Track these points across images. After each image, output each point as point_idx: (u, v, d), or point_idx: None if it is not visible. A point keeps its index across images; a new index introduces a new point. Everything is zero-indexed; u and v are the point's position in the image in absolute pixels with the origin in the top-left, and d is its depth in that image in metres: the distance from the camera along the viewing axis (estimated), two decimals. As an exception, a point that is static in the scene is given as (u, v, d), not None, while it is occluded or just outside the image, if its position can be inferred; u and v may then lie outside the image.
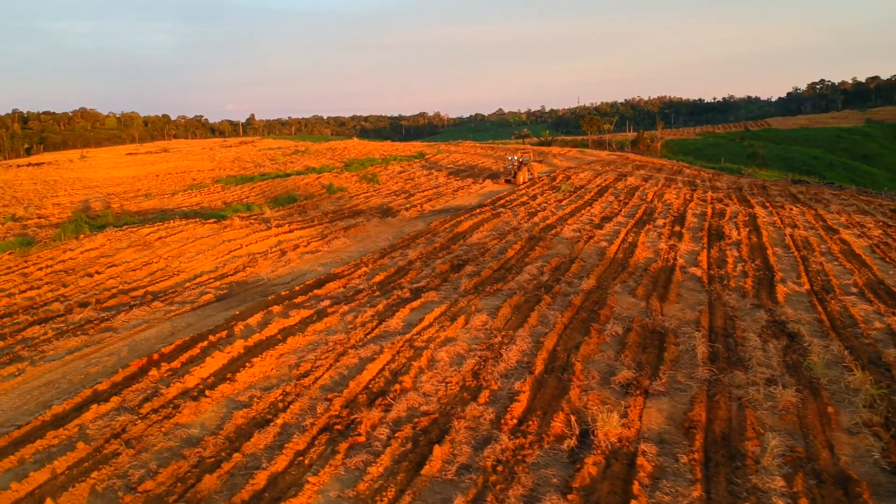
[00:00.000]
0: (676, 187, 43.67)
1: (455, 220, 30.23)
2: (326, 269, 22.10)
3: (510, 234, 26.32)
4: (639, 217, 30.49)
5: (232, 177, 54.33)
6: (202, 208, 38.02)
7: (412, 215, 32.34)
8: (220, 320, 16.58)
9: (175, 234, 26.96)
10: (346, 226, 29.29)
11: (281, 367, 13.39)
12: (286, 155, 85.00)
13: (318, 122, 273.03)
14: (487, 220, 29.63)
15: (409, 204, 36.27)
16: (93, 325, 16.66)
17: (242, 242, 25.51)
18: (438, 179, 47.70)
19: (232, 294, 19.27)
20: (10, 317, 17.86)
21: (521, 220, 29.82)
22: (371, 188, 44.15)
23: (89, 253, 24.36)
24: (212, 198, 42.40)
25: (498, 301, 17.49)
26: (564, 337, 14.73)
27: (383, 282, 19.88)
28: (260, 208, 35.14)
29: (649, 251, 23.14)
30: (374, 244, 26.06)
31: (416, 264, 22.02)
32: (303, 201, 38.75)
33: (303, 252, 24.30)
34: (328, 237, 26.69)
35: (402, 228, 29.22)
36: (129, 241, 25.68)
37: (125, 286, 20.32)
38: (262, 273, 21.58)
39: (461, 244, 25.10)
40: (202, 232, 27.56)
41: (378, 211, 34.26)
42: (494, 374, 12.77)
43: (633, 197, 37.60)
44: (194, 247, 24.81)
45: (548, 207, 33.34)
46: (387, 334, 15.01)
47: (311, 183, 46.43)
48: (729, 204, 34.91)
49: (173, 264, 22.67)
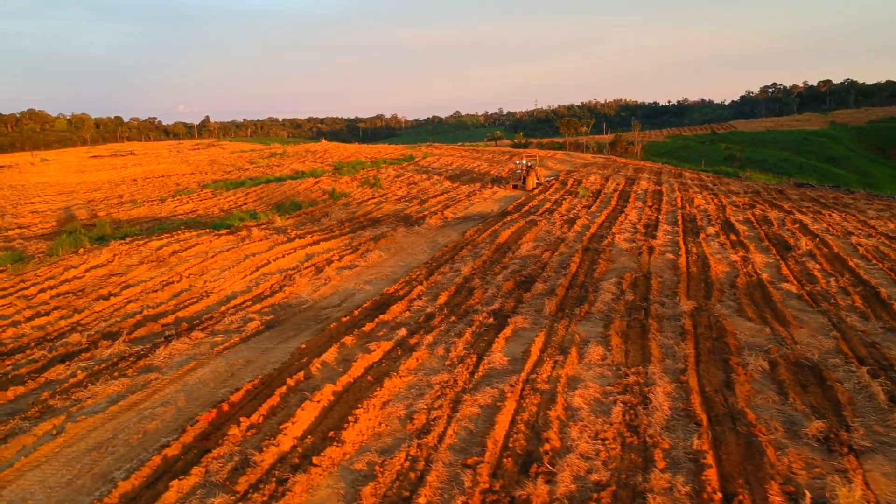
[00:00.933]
0: (695, 191, 41.98)
1: (490, 228, 27.94)
2: (375, 287, 19.63)
3: (561, 246, 24.12)
4: (684, 224, 28.55)
5: (219, 181, 51.23)
6: (200, 216, 35.12)
7: (437, 224, 29.95)
8: (284, 355, 14.04)
9: (189, 247, 24.19)
10: (373, 236, 26.80)
11: (390, 420, 10.95)
12: (264, 158, 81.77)
13: (274, 124, 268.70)
14: (525, 230, 27.40)
15: (427, 211, 33.87)
16: (128, 362, 14.00)
17: (268, 257, 22.88)
18: (444, 184, 45.32)
19: (281, 320, 16.71)
20: (22, 352, 15.07)
21: (562, 228, 27.66)
22: (376, 193, 41.61)
23: (96, 271, 21.48)
24: (206, 204, 39.44)
25: (598, 327, 15.26)
26: (705, 373, 12.55)
27: (451, 303, 17.50)
28: (267, 216, 32.42)
29: (723, 264, 21.12)
30: (412, 257, 23.63)
31: (474, 281, 19.67)
32: (308, 208, 36.09)
33: (339, 267, 21.78)
34: (360, 250, 24.18)
35: (434, 239, 26.82)
36: (139, 257, 22.85)
37: (150, 311, 17.60)
38: (303, 293, 19.03)
39: (511, 257, 22.81)
40: (220, 245, 24.83)
41: (397, 219, 31.80)
42: (655, 427, 10.53)
43: (660, 202, 35.72)
44: (216, 263, 22.11)
45: (581, 214, 31.23)
46: (496, 373, 12.66)
47: (310, 188, 43.70)
48: (767, 210, 33.20)
49: (198, 284, 19.97)
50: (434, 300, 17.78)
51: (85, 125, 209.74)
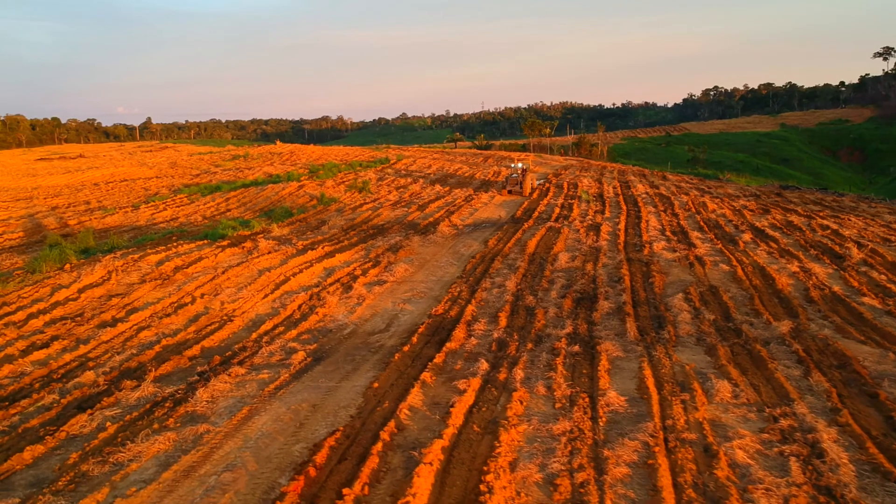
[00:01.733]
0: (696, 194, 40.77)
1: (512, 237, 26.00)
2: (418, 307, 17.50)
3: (601, 256, 22.31)
4: (713, 230, 27.07)
5: (192, 186, 48.17)
6: (184, 225, 32.39)
7: (450, 231, 27.92)
8: (354, 397, 11.85)
9: (193, 262, 21.65)
10: (389, 246, 24.61)
11: (529, 488, 8.90)
12: (227, 160, 78.36)
13: (217, 126, 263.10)
14: (552, 238, 25.56)
15: (432, 217, 31.79)
16: (165, 409, 11.64)
17: (284, 272, 20.52)
18: (434, 189, 43.22)
19: (328, 350, 14.48)
20: (28, 397, 12.53)
21: (589, 237, 25.89)
22: (367, 198, 39.31)
23: (92, 291, 18.81)
24: (185, 211, 36.61)
25: (701, 355, 13.47)
26: (860, 413, 10.82)
27: (515, 327, 15.50)
28: (260, 224, 29.90)
29: (784, 276, 19.52)
30: (442, 270, 21.54)
31: (527, 299, 17.71)
32: (300, 214, 33.64)
33: (367, 283, 19.58)
34: (382, 262, 21.99)
35: (456, 249, 24.77)
36: (139, 274, 20.23)
37: (168, 340, 15.16)
38: (338, 315, 16.80)
39: (552, 269, 20.92)
40: (227, 259, 22.34)
41: (404, 226, 29.66)
42: (850, 488, 8.72)
43: (671, 206, 34.30)
44: (229, 280, 19.67)
45: (599, 220, 29.51)
46: (621, 418, 10.73)
47: (295, 193, 41.12)
48: (785, 214, 32.00)
49: (215, 305, 17.54)
50: (494, 323, 15.75)
51: (20, 126, 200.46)
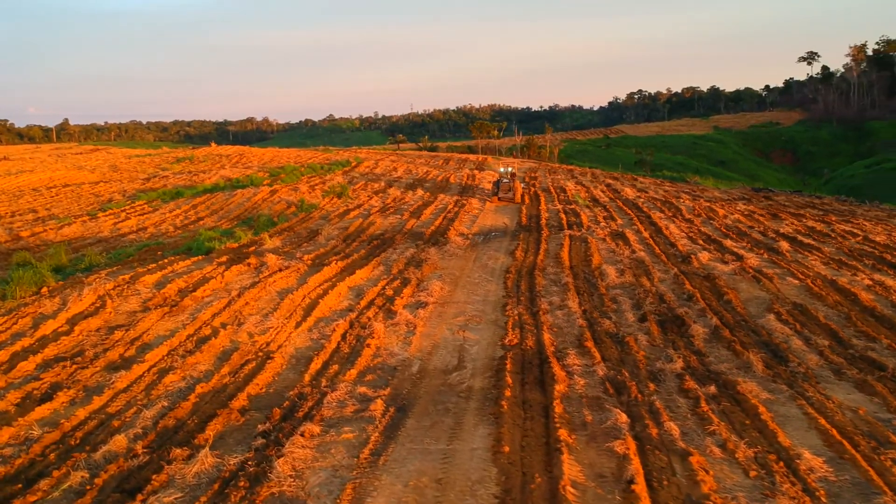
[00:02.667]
0: (691, 198, 39.48)
1: (539, 248, 23.81)
2: (483, 335, 15.07)
3: (651, 269, 20.31)
4: (743, 239, 25.50)
5: (149, 192, 44.18)
6: (155, 236, 29.02)
7: (462, 242, 25.54)
8: (482, 465, 9.36)
9: (199, 283, 18.58)
10: (407, 260, 22.08)
11: None
12: (172, 163, 73.74)
13: (138, 127, 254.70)
14: (583, 249, 23.55)
15: (433, 226, 29.33)
16: (243, 493, 8.92)
17: (307, 294, 17.74)
18: (417, 194, 40.69)
19: (406, 396, 11.93)
20: (46, 475, 9.55)
21: (620, 246, 23.96)
22: (349, 204, 36.51)
23: (87, 322, 15.62)
24: (152, 220, 33.06)
25: (860, 394, 11.54)
26: None
27: (613, 360, 13.27)
28: (246, 235, 26.87)
29: (862, 291, 17.84)
30: (481, 288, 19.15)
31: (603, 323, 15.52)
32: (284, 223, 30.70)
33: (407, 305, 17.02)
34: (411, 280, 19.43)
35: (482, 262, 22.40)
36: (139, 299, 17.09)
37: (202, 387, 12.30)
38: (394, 348, 14.23)
39: (606, 285, 18.83)
40: (235, 279, 19.34)
41: (408, 236, 27.12)
42: None
43: (681, 212, 32.75)
44: (248, 305, 16.78)
45: (619, 228, 27.60)
46: (839, 489, 8.57)
47: (269, 198, 37.95)
48: (799, 219, 30.81)
49: (242, 338, 14.71)
50: (587, 356, 13.46)
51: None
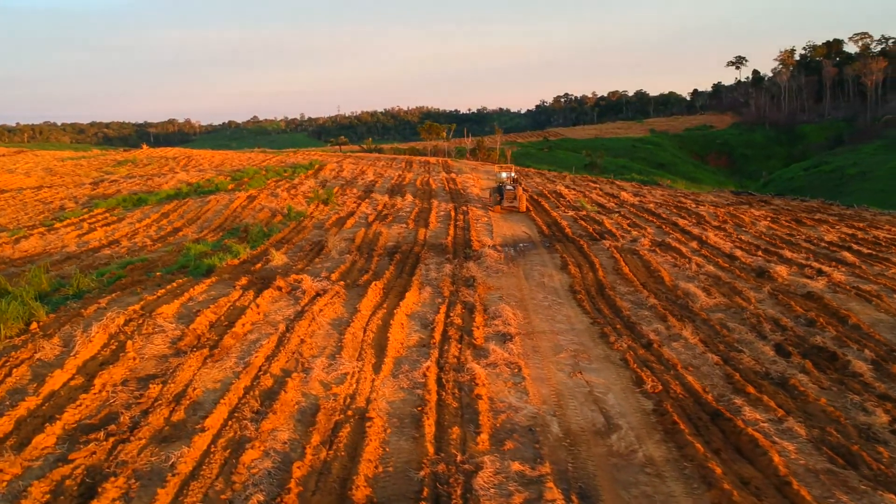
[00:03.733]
0: (696, 204, 37.78)
1: (592, 263, 21.25)
2: (609, 378, 12.39)
3: (742, 288, 17.97)
4: (796, 249, 23.60)
5: (105, 198, 39.69)
6: (132, 250, 25.23)
7: (496, 255, 22.68)
8: None
9: (227, 313, 15.20)
10: (452, 279, 19.20)
11: None
12: (114, 166, 68.47)
13: (53, 129, 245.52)
14: (641, 264, 21.09)
15: (450, 236, 26.51)
16: None
17: (365, 325, 14.63)
18: (408, 200, 37.61)
19: (581, 477, 9.14)
20: None
21: (679, 259, 21.63)
22: (341, 212, 33.30)
23: (108, 372, 12.05)
24: (122, 231, 29.06)
25: None
26: None
27: (800, 411, 10.78)
28: (244, 250, 23.48)
29: None
30: (557, 312, 16.46)
31: (742, 360, 13.05)
32: (277, 234, 27.30)
33: (490, 338, 14.19)
34: (474, 305, 16.56)
35: (535, 279, 19.72)
36: (165, 339, 13.59)
37: (300, 468, 9.15)
38: (510, 399, 11.42)
39: (702, 308, 16.38)
40: (272, 308, 15.95)
41: (431, 248, 24.23)
42: None
43: (703, 218, 30.85)
44: (304, 344, 13.54)
45: (663, 239, 25.29)
46: None
47: (249, 206, 34.33)
48: (832, 224, 29.24)
49: (315, 390, 11.51)
50: (764, 409, 10.92)
51: None
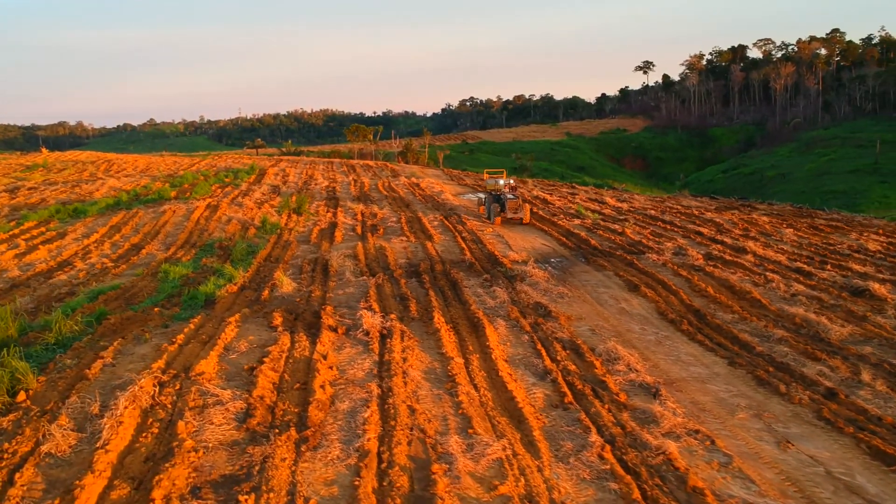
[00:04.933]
0: (685, 208, 35.85)
1: (659, 280, 18.50)
2: (847, 460, 9.58)
3: (857, 310, 15.61)
4: (854, 259, 21.66)
5: (36, 209, 34.09)
6: (93, 273, 20.79)
7: (540, 274, 19.65)
8: None
9: (293, 371, 11.40)
10: (520, 308, 16.01)
11: None
12: (23, 171, 61.17)
13: None
14: (727, 285, 18.47)
15: (468, 253, 23.28)
16: None
17: (473, 381, 11.34)
18: (385, 210, 34.02)
19: None
20: None
21: (754, 277, 19.17)
22: (320, 223, 29.48)
23: (169, 474, 8.24)
24: (70, 250, 24.12)
25: None
26: None
27: None
28: (238, 273, 19.60)
29: None
30: (681, 353, 13.55)
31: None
32: (263, 251, 23.38)
33: (639, 394, 11.17)
34: (578, 346, 13.47)
35: (613, 304, 16.78)
36: (225, 415, 9.70)
37: None
38: (738, 491, 8.44)
39: (840, 340, 13.88)
40: (345, 359, 12.23)
41: (456, 266, 20.96)
42: None
43: (721, 226, 28.74)
44: (419, 416, 10.09)
45: (718, 253, 22.84)
46: None
47: (213, 216, 29.92)
48: (855, 233, 27.69)
49: (472, 491, 8.25)
50: None
51: None
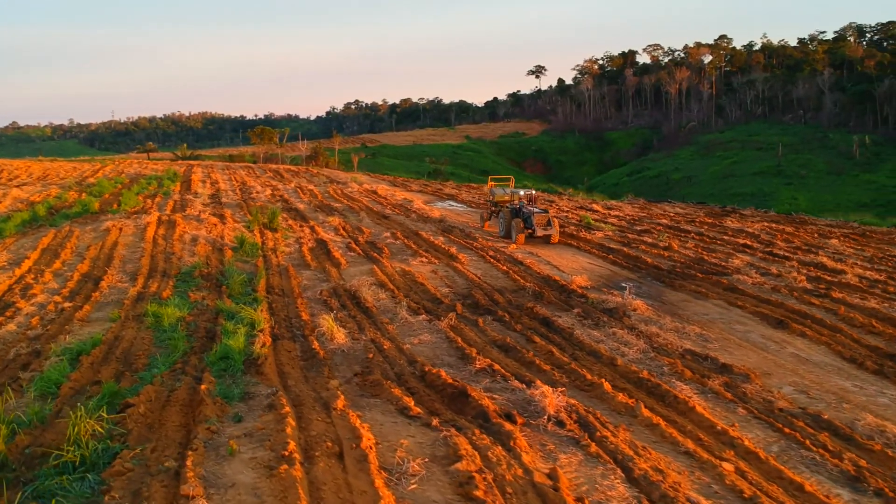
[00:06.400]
0: (685, 216, 33.25)
1: (793, 314, 15.20)
2: None
3: None
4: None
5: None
6: (49, 321, 15.38)
7: (641, 305, 16.00)
8: None
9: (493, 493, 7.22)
10: (694, 359, 12.29)
11: None
12: None
13: None
14: (888, 319, 15.36)
15: (513, 275, 19.32)
16: None
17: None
18: (364, 221, 29.48)
19: None
20: None
21: (859, 297, 16.27)
22: (304, 240, 24.63)
23: None
24: (4, 282, 18.53)
25: None
26: None
27: None
28: (260, 316, 14.84)
29: None
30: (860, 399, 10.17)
31: None
32: (260, 280, 18.53)
33: None
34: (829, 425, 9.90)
35: (790, 352, 13.26)
36: None
37: None
38: None
39: None
40: (564, 475, 8.11)
41: (524, 296, 16.97)
42: None
43: (759, 238, 26.03)
44: None
45: (816, 274, 19.85)
46: None
47: (168, 234, 24.39)
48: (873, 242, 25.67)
49: None
50: None
51: None
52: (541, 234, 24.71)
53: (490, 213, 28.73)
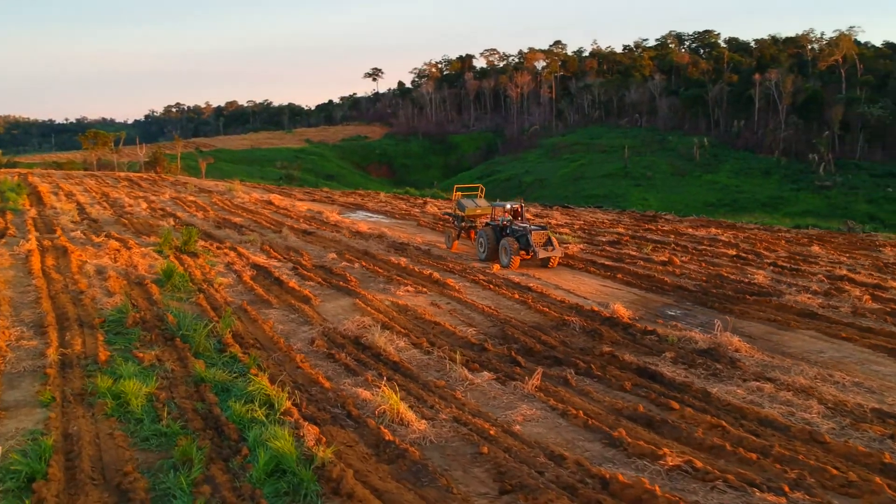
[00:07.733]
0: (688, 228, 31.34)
1: (877, 341, 13.00)
2: None
3: None
4: None
5: None
6: None
7: (743, 346, 13.18)
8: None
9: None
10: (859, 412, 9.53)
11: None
12: None
13: None
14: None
15: (524, 306, 15.95)
16: None
17: None
18: (303, 245, 24.73)
19: None
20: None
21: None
22: (241, 271, 19.72)
23: None
24: None
25: None
26: None
27: None
28: (273, 389, 10.51)
29: None
30: None
31: None
32: (225, 329, 13.85)
33: None
34: None
35: None
36: None
37: None
38: None
39: None
40: None
41: (584, 337, 13.66)
42: None
43: (759, 247, 24.29)
44: None
45: (857, 293, 17.91)
46: None
47: (63, 266, 18.58)
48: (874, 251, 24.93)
49: None
50: None
51: None
52: (543, 255, 20.28)
53: (459, 231, 24.38)
